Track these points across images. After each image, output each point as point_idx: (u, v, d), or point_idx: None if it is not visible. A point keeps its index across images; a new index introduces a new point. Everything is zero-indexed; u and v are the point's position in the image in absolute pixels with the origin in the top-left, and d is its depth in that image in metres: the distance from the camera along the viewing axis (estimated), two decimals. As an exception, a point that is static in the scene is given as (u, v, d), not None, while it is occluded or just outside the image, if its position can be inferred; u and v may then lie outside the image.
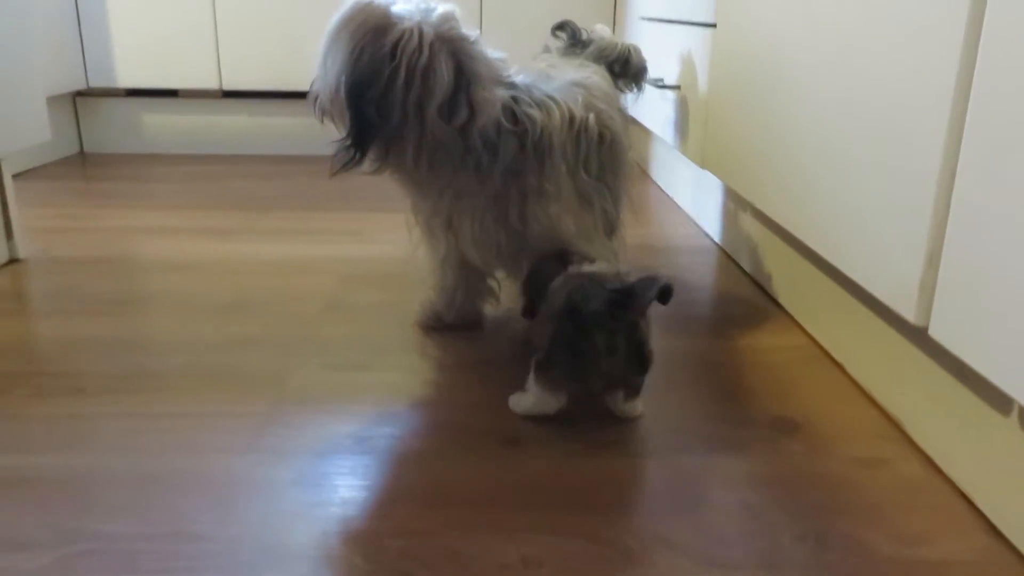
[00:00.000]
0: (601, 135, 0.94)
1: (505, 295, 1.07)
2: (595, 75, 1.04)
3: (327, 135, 0.92)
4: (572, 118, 0.92)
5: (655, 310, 0.78)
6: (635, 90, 1.29)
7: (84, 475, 0.72)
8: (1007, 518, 0.66)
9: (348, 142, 0.87)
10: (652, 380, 0.83)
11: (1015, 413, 0.65)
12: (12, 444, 0.77)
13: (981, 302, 0.62)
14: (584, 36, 1.23)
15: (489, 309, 1.09)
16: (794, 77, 0.97)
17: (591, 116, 0.93)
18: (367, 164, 0.90)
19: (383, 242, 1.44)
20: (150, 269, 1.27)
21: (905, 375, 0.82)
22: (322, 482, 0.71)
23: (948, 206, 0.67)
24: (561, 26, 1.24)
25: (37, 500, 0.68)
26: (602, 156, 0.95)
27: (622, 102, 1.10)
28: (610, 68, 1.21)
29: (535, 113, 0.89)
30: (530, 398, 0.83)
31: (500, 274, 1.04)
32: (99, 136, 2.26)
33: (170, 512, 0.67)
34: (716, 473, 0.74)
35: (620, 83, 1.25)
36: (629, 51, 1.24)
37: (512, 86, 0.91)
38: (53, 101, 2.11)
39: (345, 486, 0.71)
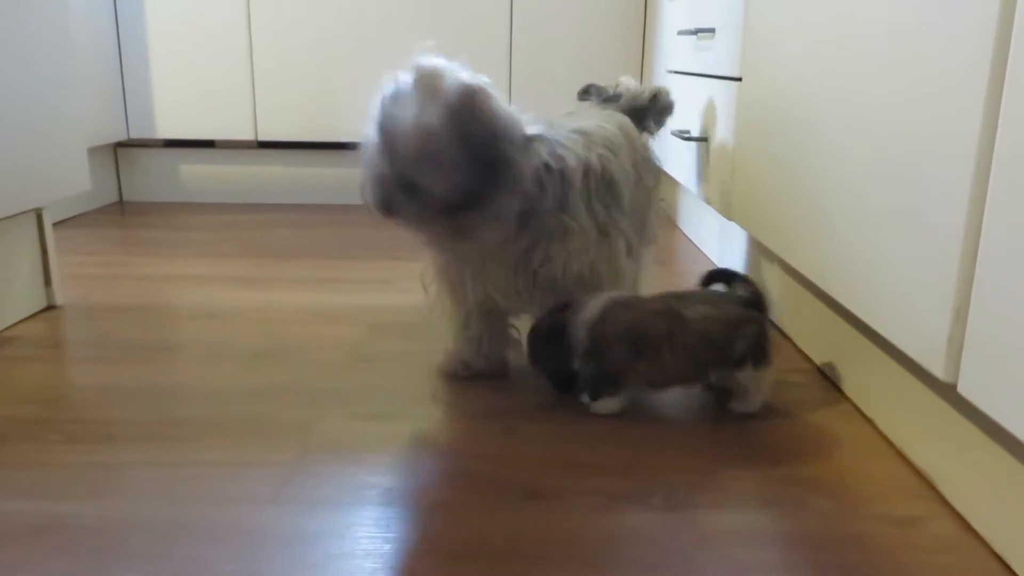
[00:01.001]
0: (602, 176, 0.99)
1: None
2: (607, 123, 1.07)
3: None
4: (584, 161, 0.98)
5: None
6: (656, 127, 1.31)
7: (111, 523, 0.73)
8: (1044, 582, 0.64)
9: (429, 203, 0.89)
10: (674, 435, 0.82)
11: (1049, 473, 0.64)
12: (41, 490, 0.78)
13: (1010, 358, 0.61)
14: (611, 92, 1.26)
15: (513, 357, 1.09)
16: (818, 130, 0.97)
17: (593, 156, 0.99)
18: (415, 222, 0.92)
19: (411, 291, 1.45)
20: (182, 317, 1.30)
21: (936, 431, 0.81)
22: (346, 533, 0.72)
23: (975, 262, 0.67)
24: (585, 91, 1.30)
25: (64, 547, 0.69)
26: (604, 195, 1.00)
27: (637, 143, 1.13)
28: (640, 110, 1.25)
29: (566, 154, 0.95)
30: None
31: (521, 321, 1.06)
32: (138, 185, 2.32)
33: (195, 562, 0.67)
34: (743, 530, 0.73)
35: (648, 121, 1.28)
36: (657, 91, 1.28)
37: (537, 139, 0.95)
38: (94, 151, 2.17)
39: (369, 538, 0.71)
